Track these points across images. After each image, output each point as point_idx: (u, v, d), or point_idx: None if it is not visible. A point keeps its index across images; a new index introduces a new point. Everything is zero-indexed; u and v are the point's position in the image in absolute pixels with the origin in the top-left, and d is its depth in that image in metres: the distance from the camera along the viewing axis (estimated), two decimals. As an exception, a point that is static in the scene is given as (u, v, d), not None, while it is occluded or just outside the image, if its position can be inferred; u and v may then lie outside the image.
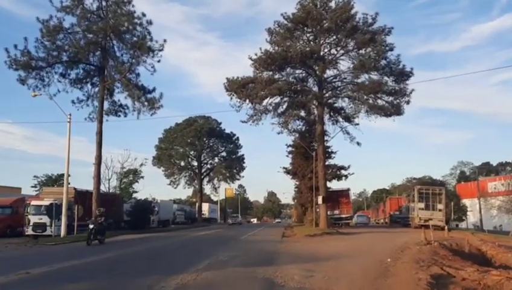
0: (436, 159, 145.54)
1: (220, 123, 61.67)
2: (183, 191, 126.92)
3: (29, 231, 24.02)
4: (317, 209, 33.22)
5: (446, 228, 24.61)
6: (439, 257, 13.29)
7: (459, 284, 8.56)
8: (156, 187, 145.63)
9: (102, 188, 37.04)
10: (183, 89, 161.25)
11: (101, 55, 30.79)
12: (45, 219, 24.02)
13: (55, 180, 48.47)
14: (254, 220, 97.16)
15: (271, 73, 29.28)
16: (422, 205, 31.67)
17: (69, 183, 26.49)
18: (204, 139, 61.09)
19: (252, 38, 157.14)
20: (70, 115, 26.03)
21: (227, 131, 62.71)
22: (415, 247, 16.02)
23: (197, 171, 62.44)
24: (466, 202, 55.52)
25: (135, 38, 29.55)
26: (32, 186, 50.92)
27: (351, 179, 51.33)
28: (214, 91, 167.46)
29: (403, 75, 28.83)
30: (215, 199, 79.66)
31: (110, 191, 41.62)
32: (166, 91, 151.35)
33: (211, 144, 63.28)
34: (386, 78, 29.04)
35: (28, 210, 24.45)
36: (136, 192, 48.65)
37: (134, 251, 17.01)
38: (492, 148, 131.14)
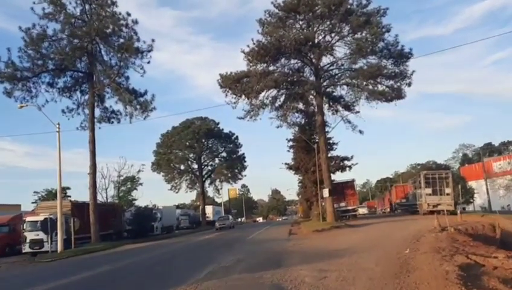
0: (437, 144, 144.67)
1: (218, 123, 60.48)
2: (187, 195, 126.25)
3: (26, 248, 23.18)
4: (323, 203, 32.27)
5: (459, 212, 23.62)
6: (459, 243, 12.39)
7: (493, 275, 7.53)
8: (157, 193, 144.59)
9: (100, 198, 36.04)
10: (180, 92, 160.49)
11: (88, 61, 29.87)
12: (42, 235, 23.07)
13: (55, 195, 47.28)
14: (260, 219, 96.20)
15: (265, 65, 28.25)
16: (429, 190, 30.99)
17: (69, 196, 25.62)
18: (203, 140, 59.80)
19: (247, 36, 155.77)
20: (58, 124, 25.03)
21: (226, 131, 61.70)
22: (430, 235, 15.16)
23: (197, 173, 61.22)
24: (472, 184, 54.78)
25: (122, 40, 28.67)
26: (32, 202, 49.88)
27: (353, 170, 50.26)
28: (211, 92, 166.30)
29: (402, 57, 27.76)
30: (218, 200, 78.72)
31: (108, 200, 40.55)
32: (163, 96, 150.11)
33: (210, 145, 62.01)
34: (384, 61, 28.05)
35: (24, 227, 23.54)
36: (135, 200, 47.48)
37: (132, 262, 16.03)
38: (492, 128, 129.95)
